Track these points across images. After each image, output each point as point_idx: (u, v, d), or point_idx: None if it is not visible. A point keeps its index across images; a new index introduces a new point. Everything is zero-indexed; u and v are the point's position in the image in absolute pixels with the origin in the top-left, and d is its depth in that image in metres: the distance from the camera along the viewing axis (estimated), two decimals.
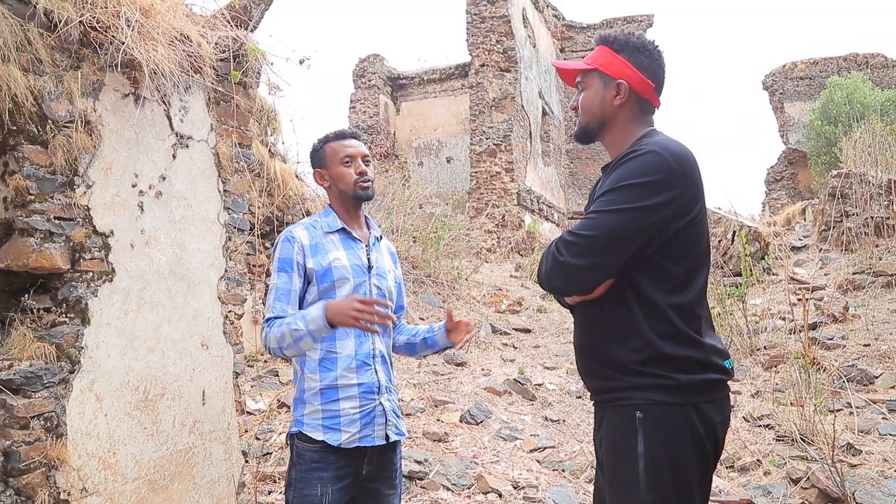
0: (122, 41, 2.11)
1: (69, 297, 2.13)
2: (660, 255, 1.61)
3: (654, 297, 1.61)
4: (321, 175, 2.21)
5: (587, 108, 1.79)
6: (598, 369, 1.72)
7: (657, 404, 1.60)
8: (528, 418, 5.12)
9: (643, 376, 1.61)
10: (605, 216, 1.58)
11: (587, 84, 1.80)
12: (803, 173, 17.46)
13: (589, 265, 1.58)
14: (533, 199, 14.52)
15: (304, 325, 1.93)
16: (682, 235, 1.62)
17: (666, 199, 1.56)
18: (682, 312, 1.63)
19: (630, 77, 1.73)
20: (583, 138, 1.85)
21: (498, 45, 14.10)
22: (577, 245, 1.59)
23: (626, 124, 1.77)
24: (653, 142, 1.64)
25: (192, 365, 2.61)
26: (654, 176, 1.56)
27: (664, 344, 1.60)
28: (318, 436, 2.02)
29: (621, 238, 1.56)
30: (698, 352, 1.63)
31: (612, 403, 1.68)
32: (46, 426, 2.03)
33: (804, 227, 9.19)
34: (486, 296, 8.52)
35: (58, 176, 2.07)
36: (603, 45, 1.79)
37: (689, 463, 1.59)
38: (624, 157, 1.64)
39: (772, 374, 5.58)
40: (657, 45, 1.81)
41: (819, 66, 17.73)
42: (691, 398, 1.61)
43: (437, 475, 3.96)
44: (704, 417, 1.62)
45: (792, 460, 4.10)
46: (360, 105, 16.98)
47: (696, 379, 1.61)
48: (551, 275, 1.66)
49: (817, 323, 6.26)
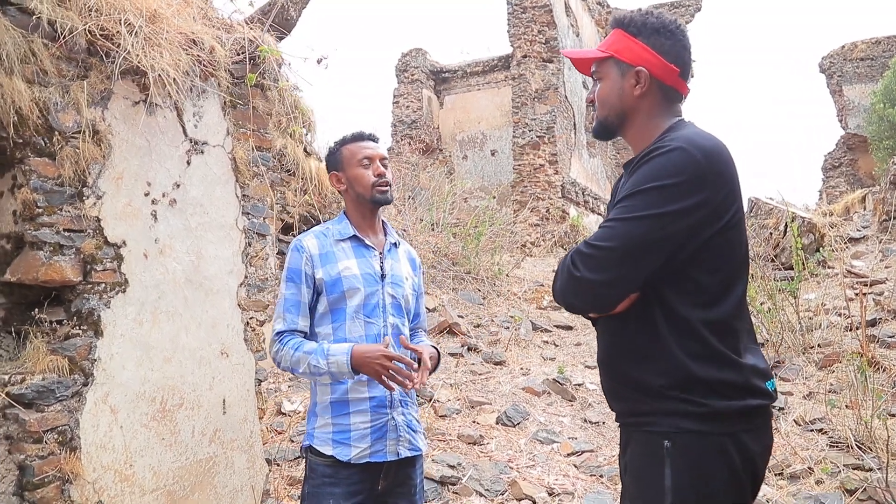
0: (128, 50, 2.07)
1: (82, 309, 2.12)
2: (691, 264, 1.43)
3: (685, 312, 1.44)
4: (338, 178, 2.14)
5: (604, 101, 1.60)
6: (622, 391, 1.57)
7: (687, 433, 1.42)
8: (567, 420, 4.99)
9: (672, 401, 1.44)
10: (625, 224, 1.40)
11: (603, 74, 1.61)
12: (864, 159, 16.64)
13: (607, 280, 1.41)
14: (578, 191, 14.25)
15: (326, 365, 1.90)
16: (716, 241, 1.43)
17: (696, 203, 1.38)
18: (718, 329, 1.45)
19: (650, 63, 1.54)
20: (601, 134, 1.66)
21: (540, 35, 13.85)
22: (593, 258, 1.41)
23: (650, 117, 1.57)
24: (679, 136, 1.45)
25: (212, 373, 2.58)
26: (680, 177, 1.38)
27: (696, 366, 1.43)
28: (328, 450, 1.97)
29: (643, 249, 1.39)
30: (736, 374, 1.45)
31: (639, 428, 1.52)
32: (60, 440, 2.02)
33: (863, 217, 8.72)
34: (528, 292, 8.38)
35: (66, 188, 2.05)
36: (618, 28, 1.60)
37: (721, 501, 1.42)
38: (646, 156, 1.45)
39: (826, 373, 5.29)
40: (679, 23, 1.60)
41: (882, 46, 16.82)
42: (728, 427, 1.43)
43: (470, 480, 3.87)
44: (742, 448, 1.43)
45: (847, 469, 3.85)
46: (402, 100, 16.99)
47: (733, 406, 1.43)
48: (566, 291, 1.48)
49: (876, 319, 5.91)
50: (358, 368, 1.88)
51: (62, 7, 1.99)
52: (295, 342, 1.95)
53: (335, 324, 2.01)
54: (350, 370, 1.88)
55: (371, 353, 1.87)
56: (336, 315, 2.01)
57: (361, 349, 1.89)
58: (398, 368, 1.86)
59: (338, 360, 1.89)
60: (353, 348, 1.89)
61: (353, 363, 1.87)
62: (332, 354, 1.90)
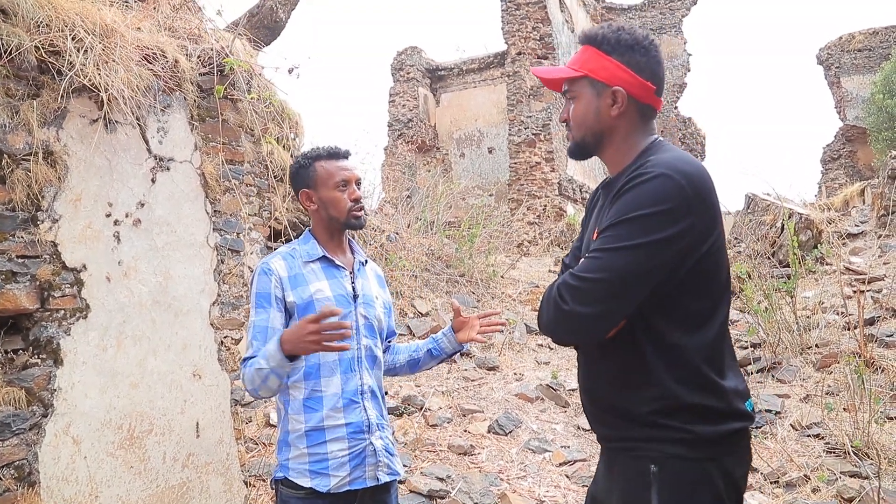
0: (81, 65, 1.98)
1: (40, 337, 2.04)
2: (678, 290, 1.41)
3: (673, 338, 1.42)
4: (308, 196, 2.02)
5: (580, 122, 1.56)
6: (607, 418, 1.55)
7: (674, 458, 1.42)
8: (560, 427, 4.91)
9: (659, 428, 1.43)
10: (613, 255, 1.37)
11: (576, 93, 1.56)
12: (863, 151, 16.52)
13: (597, 313, 1.38)
14: (575, 188, 14.16)
15: (266, 363, 1.78)
16: (700, 267, 1.42)
17: (682, 229, 1.36)
18: (706, 353, 1.44)
19: (627, 82, 1.51)
20: (577, 154, 1.63)
21: (534, 31, 13.75)
22: (581, 290, 1.38)
23: (627, 136, 1.55)
24: (661, 161, 1.43)
25: (184, 396, 2.50)
26: (665, 204, 1.36)
27: (684, 391, 1.42)
28: (306, 482, 1.89)
29: (634, 279, 1.37)
30: (720, 400, 1.44)
31: (625, 453, 1.50)
32: (17, 475, 1.95)
33: (861, 212, 8.62)
34: (523, 293, 8.29)
35: (18, 212, 1.97)
36: (589, 45, 1.55)
37: None
38: (629, 182, 1.42)
39: (824, 375, 5.20)
40: (652, 38, 1.56)
41: (879, 37, 16.69)
42: (712, 453, 1.43)
43: (459, 493, 3.79)
44: (725, 473, 1.44)
45: (844, 476, 3.77)
46: (399, 98, 16.89)
47: (718, 431, 1.43)
48: (554, 325, 1.45)
49: (875, 318, 5.81)
50: (292, 350, 1.75)
51: (8, 23, 1.90)
52: (250, 362, 1.84)
53: None
54: (283, 358, 1.75)
55: (295, 329, 1.75)
56: None
57: (287, 331, 1.77)
58: (325, 325, 1.69)
59: (271, 352, 1.77)
60: (282, 333, 1.78)
61: (284, 349, 1.75)
62: (267, 350, 1.79)
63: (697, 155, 16.71)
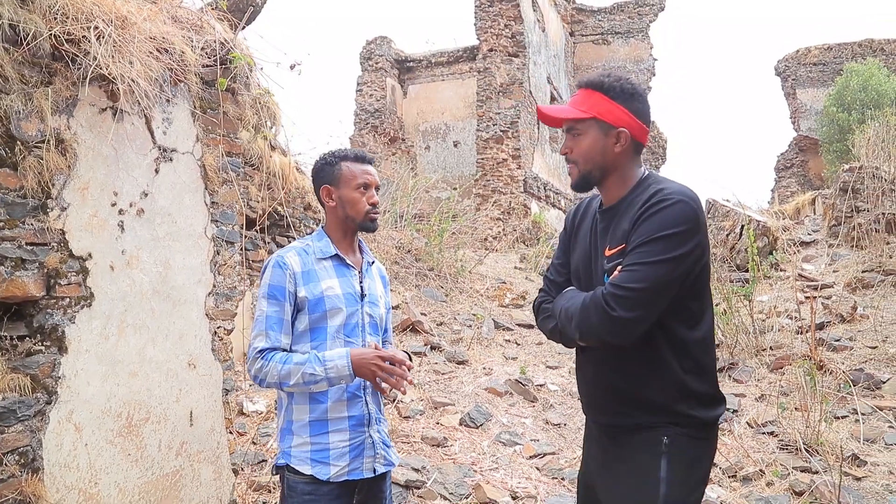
0: (95, 56, 1.99)
1: (45, 324, 2.05)
2: (685, 294, 1.67)
3: (681, 334, 1.69)
4: (329, 193, 2.09)
5: (588, 157, 1.79)
6: (621, 409, 1.77)
7: (682, 436, 1.69)
8: (529, 421, 5.05)
9: (672, 414, 1.70)
10: (649, 268, 1.60)
11: (583, 131, 1.79)
12: (814, 161, 17.20)
13: (640, 317, 1.61)
14: (540, 185, 14.36)
15: (324, 371, 1.89)
16: (702, 274, 1.71)
17: (695, 245, 1.64)
18: (703, 346, 1.73)
19: (630, 125, 1.76)
20: (583, 187, 1.86)
21: (506, 29, 13.86)
22: (627, 299, 1.60)
23: (625, 169, 1.80)
24: (675, 190, 1.68)
25: (179, 386, 2.53)
26: (685, 225, 1.63)
27: (690, 380, 1.70)
28: (307, 469, 1.97)
29: (665, 287, 1.61)
30: (712, 387, 1.76)
31: (638, 434, 1.73)
32: (21, 462, 1.96)
33: (814, 221, 9.02)
34: (490, 289, 8.43)
35: (29, 200, 1.97)
36: (595, 90, 1.79)
37: (699, 491, 1.73)
38: (652, 207, 1.66)
39: (778, 376, 5.48)
40: (643, 87, 1.91)
41: (833, 52, 17.37)
42: (710, 433, 1.76)
43: (434, 484, 3.89)
44: (712, 450, 1.79)
45: (795, 471, 4.01)
46: (366, 88, 16.81)
47: (713, 415, 1.74)
48: (601, 329, 1.64)
49: (825, 323, 6.14)
50: (357, 371, 1.90)
51: (25, 9, 1.90)
52: (282, 356, 1.93)
53: (314, 342, 1.99)
54: (350, 373, 1.90)
55: (367, 354, 1.91)
56: (316, 334, 1.99)
57: (358, 351, 1.92)
58: (391, 369, 1.89)
59: (336, 364, 1.90)
60: (351, 351, 1.92)
61: (354, 366, 1.89)
62: (330, 360, 1.91)
63: (658, 158, 17.11)
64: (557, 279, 1.94)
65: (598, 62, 17.57)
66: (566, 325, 1.73)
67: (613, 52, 17.53)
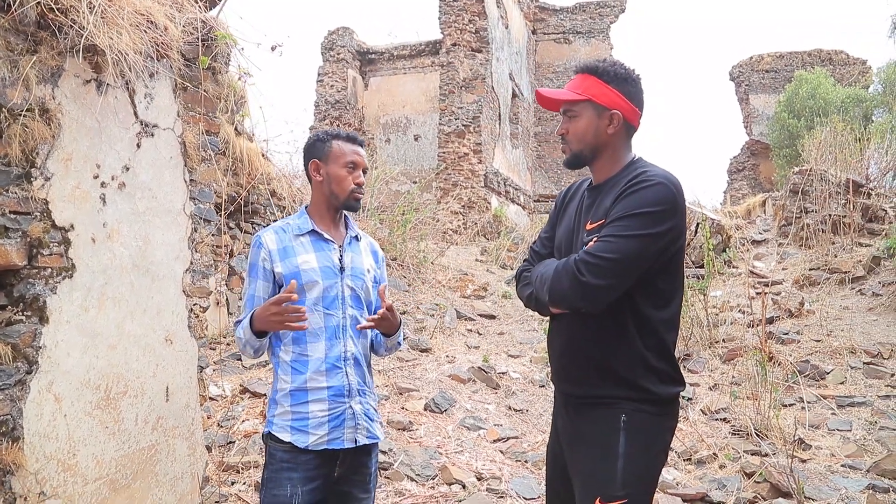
0: (83, 26, 1.99)
1: (26, 294, 2.04)
2: (656, 274, 1.74)
3: (647, 312, 1.76)
4: (317, 167, 2.16)
5: (581, 137, 1.86)
6: (584, 376, 1.83)
7: (640, 412, 1.76)
8: (492, 407, 5.16)
9: (630, 388, 1.77)
10: (623, 240, 1.67)
11: (578, 113, 1.86)
12: (765, 164, 17.81)
13: (607, 285, 1.67)
14: (500, 181, 14.51)
15: (243, 335, 2.03)
16: (676, 257, 1.79)
17: (671, 226, 1.71)
18: (668, 325, 1.80)
19: (622, 108, 1.83)
20: (574, 164, 1.93)
21: (470, 24, 13.95)
22: (597, 267, 1.66)
23: (616, 150, 1.87)
24: (658, 173, 1.76)
25: (156, 361, 2.53)
26: (663, 206, 1.69)
27: (652, 357, 1.77)
28: (286, 437, 2.02)
29: (636, 261, 1.68)
30: (672, 367, 1.82)
31: (600, 407, 1.80)
32: (2, 430, 1.95)
33: (765, 221, 9.38)
34: (452, 280, 8.52)
35: (13, 168, 1.96)
36: (590, 74, 1.86)
37: (657, 466, 1.80)
38: (634, 185, 1.73)
39: (730, 367, 5.72)
40: (637, 72, 1.90)
41: (785, 60, 18.02)
42: (666, 410, 1.83)
43: (401, 465, 3.96)
44: (670, 428, 1.85)
45: (746, 455, 4.21)
46: (327, 79, 16.66)
47: (671, 392, 1.81)
48: (571, 294, 1.71)
49: (774, 317, 6.42)
50: (260, 327, 1.98)
51: None
52: (239, 326, 2.06)
53: None
54: (252, 333, 2.00)
55: (263, 307, 1.97)
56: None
57: (258, 309, 1.99)
58: (280, 309, 1.91)
59: (245, 326, 2.02)
60: (254, 311, 2.01)
61: (255, 326, 1.99)
62: (243, 323, 2.03)
63: None
64: (542, 251, 2.03)
65: (560, 61, 17.83)
66: (540, 290, 1.81)
67: (574, 52, 17.81)
